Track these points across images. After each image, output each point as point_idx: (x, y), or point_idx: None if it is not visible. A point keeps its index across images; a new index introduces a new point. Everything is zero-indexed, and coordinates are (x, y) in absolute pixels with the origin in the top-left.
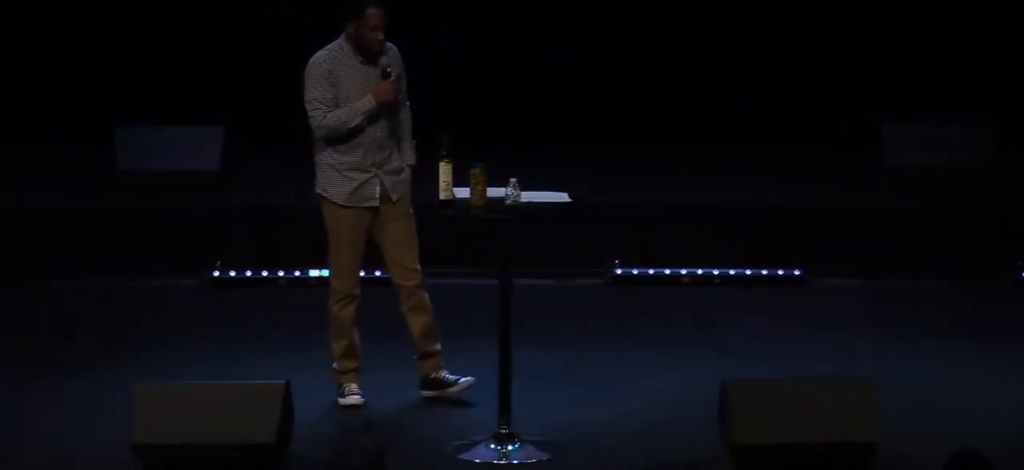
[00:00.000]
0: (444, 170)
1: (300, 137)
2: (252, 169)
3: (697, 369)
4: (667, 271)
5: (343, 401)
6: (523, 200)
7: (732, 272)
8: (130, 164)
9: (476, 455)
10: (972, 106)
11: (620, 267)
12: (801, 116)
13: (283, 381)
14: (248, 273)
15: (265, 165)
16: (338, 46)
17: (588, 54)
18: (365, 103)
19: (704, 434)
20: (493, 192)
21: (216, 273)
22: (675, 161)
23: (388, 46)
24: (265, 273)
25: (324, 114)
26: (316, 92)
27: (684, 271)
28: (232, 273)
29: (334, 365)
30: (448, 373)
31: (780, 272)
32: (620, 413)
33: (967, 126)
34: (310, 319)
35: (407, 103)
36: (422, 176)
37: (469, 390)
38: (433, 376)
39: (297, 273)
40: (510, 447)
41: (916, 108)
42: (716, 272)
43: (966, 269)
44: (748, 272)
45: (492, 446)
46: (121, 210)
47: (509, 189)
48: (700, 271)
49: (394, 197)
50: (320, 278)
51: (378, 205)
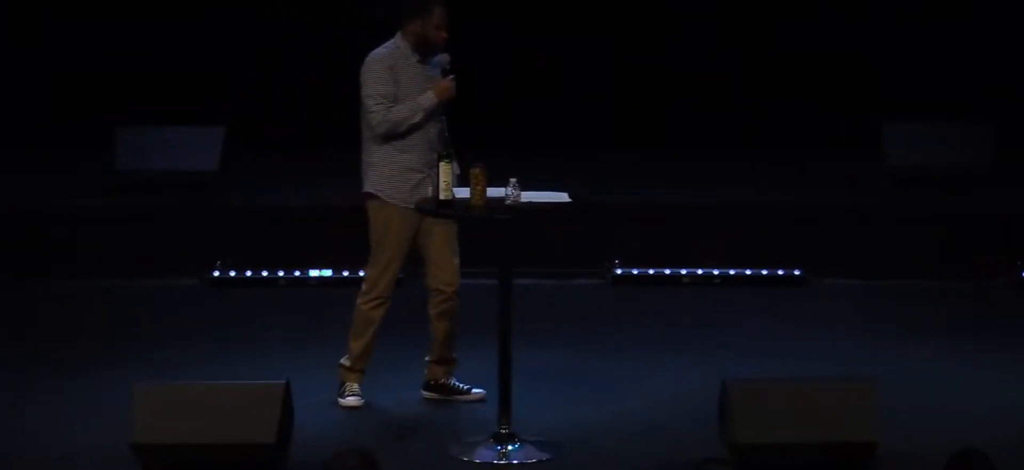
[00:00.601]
0: (444, 170)
1: (300, 137)
2: (252, 169)
3: (697, 369)
4: (667, 271)
5: (343, 401)
6: (523, 200)
7: (732, 272)
8: (130, 164)
9: (476, 455)
10: (972, 106)
11: (620, 267)
12: (801, 116)
13: (283, 381)
14: (248, 273)
15: (265, 165)
16: (395, 45)
17: (588, 54)
18: (427, 100)
19: (704, 434)
20: (493, 192)
21: (216, 273)
22: (675, 161)
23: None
24: (265, 273)
25: (387, 109)
26: (380, 87)
27: (684, 271)
28: (232, 273)
29: (343, 361)
30: (458, 381)
31: (780, 272)
32: (620, 413)
33: (967, 126)
34: (310, 319)
35: None
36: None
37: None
38: (442, 382)
39: (297, 273)
40: (510, 447)
41: (916, 108)
42: (716, 272)
43: (966, 269)
44: (748, 272)
45: (492, 446)
46: (121, 210)
47: (509, 189)
48: (700, 271)
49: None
50: (320, 278)
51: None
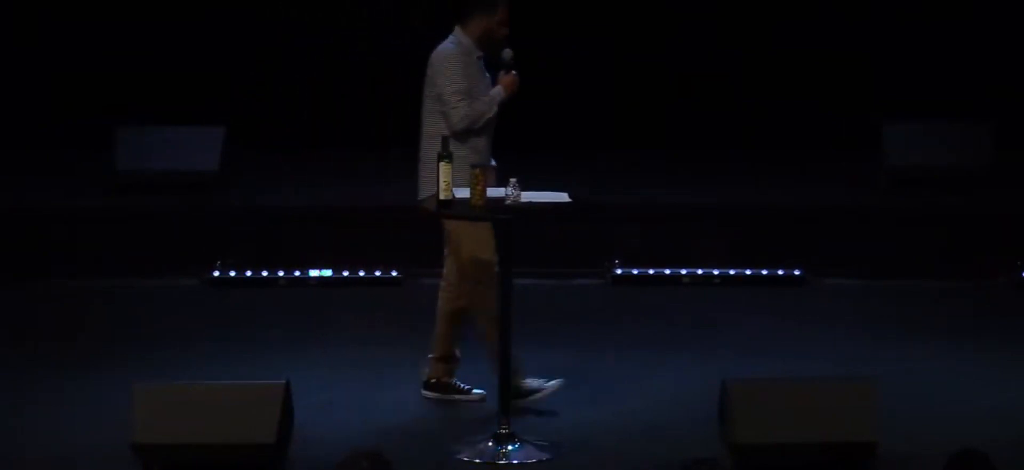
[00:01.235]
0: (444, 170)
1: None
2: (252, 169)
3: (697, 369)
4: (667, 271)
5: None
6: (523, 200)
7: (732, 272)
8: (130, 164)
9: (476, 455)
10: (972, 106)
11: (620, 267)
12: (801, 116)
13: (283, 381)
14: (248, 273)
15: (265, 165)
16: (458, 40)
17: (588, 54)
18: (498, 94)
19: (704, 434)
20: (493, 192)
21: (216, 273)
22: (675, 161)
23: None
24: (265, 273)
25: (469, 104)
26: (459, 83)
27: (684, 271)
28: (232, 273)
29: (489, 343)
30: (460, 381)
31: (780, 272)
32: (620, 413)
33: (967, 126)
34: (310, 319)
35: None
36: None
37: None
38: (444, 380)
39: (297, 273)
40: (510, 447)
41: (916, 108)
42: (716, 272)
43: (966, 269)
44: (748, 272)
45: (492, 446)
46: (121, 210)
47: (509, 189)
48: (700, 271)
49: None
50: (320, 278)
51: None
